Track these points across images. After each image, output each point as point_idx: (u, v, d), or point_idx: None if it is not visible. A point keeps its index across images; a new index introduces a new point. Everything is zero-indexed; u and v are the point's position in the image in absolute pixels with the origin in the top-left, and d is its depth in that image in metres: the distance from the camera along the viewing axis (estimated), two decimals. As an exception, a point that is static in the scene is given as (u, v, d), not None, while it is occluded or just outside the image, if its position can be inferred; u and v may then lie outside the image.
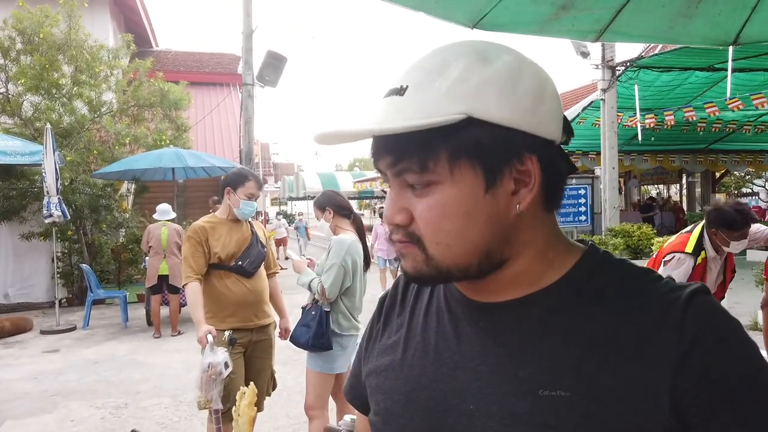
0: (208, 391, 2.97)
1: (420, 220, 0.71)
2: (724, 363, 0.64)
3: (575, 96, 17.56)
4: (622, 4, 2.07)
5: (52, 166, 8.07)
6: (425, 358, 0.79)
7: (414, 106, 0.67)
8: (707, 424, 0.63)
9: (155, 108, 11.20)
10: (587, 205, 12.61)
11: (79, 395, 5.41)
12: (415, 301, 0.88)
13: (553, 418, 0.66)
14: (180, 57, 18.04)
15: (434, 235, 0.70)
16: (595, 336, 0.69)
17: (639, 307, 0.69)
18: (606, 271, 0.75)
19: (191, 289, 3.24)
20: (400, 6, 2.04)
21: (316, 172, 32.80)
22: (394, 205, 0.72)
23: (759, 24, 2.18)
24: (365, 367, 0.89)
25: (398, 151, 0.70)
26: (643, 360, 0.66)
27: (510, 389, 0.70)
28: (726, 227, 3.45)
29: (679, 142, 14.76)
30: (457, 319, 0.79)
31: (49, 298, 9.95)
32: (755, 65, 10.49)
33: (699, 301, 0.68)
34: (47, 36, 10.03)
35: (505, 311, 0.75)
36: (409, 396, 0.78)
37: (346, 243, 3.39)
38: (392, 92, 0.70)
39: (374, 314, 0.94)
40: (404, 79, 0.71)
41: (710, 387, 0.63)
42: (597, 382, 0.66)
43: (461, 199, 0.69)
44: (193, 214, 12.00)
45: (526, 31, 2.23)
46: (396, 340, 0.85)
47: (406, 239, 0.72)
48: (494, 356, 0.73)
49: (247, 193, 3.39)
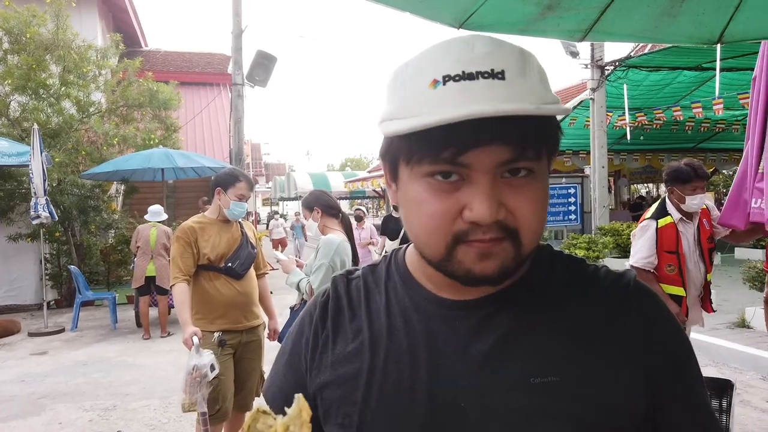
0: (192, 394, 2.96)
1: (521, 211, 0.68)
2: (672, 339, 0.76)
3: (565, 95, 17.63)
4: (606, 4, 2.08)
5: (40, 166, 8.01)
6: (400, 362, 0.75)
7: (529, 91, 0.66)
8: (669, 389, 0.73)
9: (144, 108, 11.15)
10: (577, 204, 12.66)
11: (67, 397, 5.36)
12: (367, 304, 0.82)
13: (550, 403, 0.69)
14: (169, 57, 17.96)
15: (535, 225, 0.69)
16: (571, 324, 0.74)
17: (600, 295, 0.76)
18: (559, 263, 0.81)
19: (179, 290, 3.22)
20: (387, 6, 2.03)
21: (307, 172, 32.76)
22: (493, 201, 0.66)
23: (742, 22, 2.19)
24: (316, 378, 0.81)
25: (522, 139, 0.66)
26: (617, 342, 0.73)
27: (501, 382, 0.71)
28: (679, 182, 3.53)
29: (668, 141, 14.85)
30: (429, 318, 0.77)
31: (37, 300, 9.87)
32: (743, 65, 10.56)
33: (642, 286, 0.78)
34: (34, 36, 9.96)
35: (485, 307, 0.75)
36: (387, 402, 0.74)
37: (335, 243, 3.38)
38: (486, 75, 0.65)
39: (315, 319, 0.84)
40: (490, 63, 0.65)
41: (667, 360, 0.74)
42: (583, 366, 0.71)
43: (546, 187, 0.73)
44: (183, 215, 11.93)
45: (513, 31, 2.23)
46: (358, 347, 0.79)
47: (500, 235, 0.67)
48: (478, 352, 0.73)
49: (238, 194, 3.36)
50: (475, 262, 0.68)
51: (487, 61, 0.66)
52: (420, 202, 0.70)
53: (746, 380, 5.09)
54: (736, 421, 3.81)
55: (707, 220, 3.64)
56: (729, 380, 3.12)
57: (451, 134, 0.64)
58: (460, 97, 0.64)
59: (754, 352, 5.46)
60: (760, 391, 4.82)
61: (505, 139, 0.65)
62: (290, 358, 0.87)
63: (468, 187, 0.67)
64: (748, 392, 4.78)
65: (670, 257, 3.54)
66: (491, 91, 0.64)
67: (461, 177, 0.67)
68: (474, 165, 0.66)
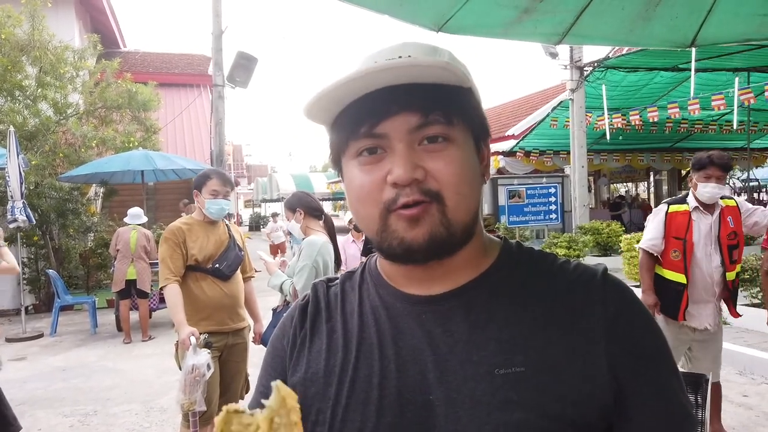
0: (191, 393, 2.96)
1: (440, 173, 0.72)
2: (639, 329, 0.77)
3: (545, 96, 17.80)
4: (582, 7, 2.11)
5: (16, 169, 7.88)
6: (370, 358, 0.78)
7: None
8: (634, 380, 0.74)
9: (123, 109, 11.03)
10: (558, 204, 12.79)
11: (46, 403, 5.29)
12: (343, 306, 0.86)
13: (514, 394, 0.70)
14: (148, 58, 17.78)
15: (457, 185, 0.73)
16: (535, 315, 0.76)
17: (565, 287, 0.78)
18: (525, 255, 0.84)
19: (171, 292, 3.20)
20: (367, 9, 2.05)
21: (289, 174, 32.65)
22: (408, 162, 0.72)
23: (715, 26, 2.25)
24: (292, 377, 0.84)
25: (428, 104, 0.72)
26: (580, 332, 0.74)
27: (467, 374, 0.73)
28: (695, 168, 3.50)
29: (646, 141, 15.07)
30: (397, 315, 0.80)
31: (15, 305, 9.72)
32: (717, 65, 10.77)
33: (612, 279, 0.80)
34: (9, 36, 9.79)
35: (449, 301, 0.78)
36: (359, 398, 0.76)
37: (317, 244, 3.39)
38: (392, 60, 0.73)
39: (295, 321, 0.89)
40: (401, 52, 0.75)
41: (633, 349, 0.75)
42: (546, 357, 0.73)
43: (470, 156, 0.77)
44: (164, 217, 11.83)
45: (491, 34, 2.26)
46: (332, 346, 0.82)
47: (423, 197, 0.72)
48: (445, 345, 0.75)
49: (211, 191, 3.35)
50: (406, 229, 0.73)
51: (396, 51, 0.76)
52: (353, 179, 0.77)
53: (724, 375, 5.16)
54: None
55: (733, 218, 3.50)
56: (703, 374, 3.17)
57: (366, 110, 0.73)
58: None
59: (731, 348, 5.56)
60: (737, 385, 4.92)
61: (412, 106, 0.72)
62: (272, 361, 0.90)
63: (389, 156, 0.74)
64: (725, 387, 4.85)
65: (677, 243, 3.49)
66: (393, 62, 0.72)
67: (384, 150, 0.74)
68: (390, 134, 0.73)
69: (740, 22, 2.25)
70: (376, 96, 0.73)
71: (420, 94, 0.72)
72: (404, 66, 0.71)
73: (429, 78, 0.73)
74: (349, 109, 0.75)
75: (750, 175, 13.67)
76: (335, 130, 0.79)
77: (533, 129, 14.09)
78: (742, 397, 4.66)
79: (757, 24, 2.24)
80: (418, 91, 0.72)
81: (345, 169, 0.79)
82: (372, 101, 0.73)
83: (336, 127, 0.78)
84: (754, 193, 18.35)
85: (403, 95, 0.72)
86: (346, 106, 0.76)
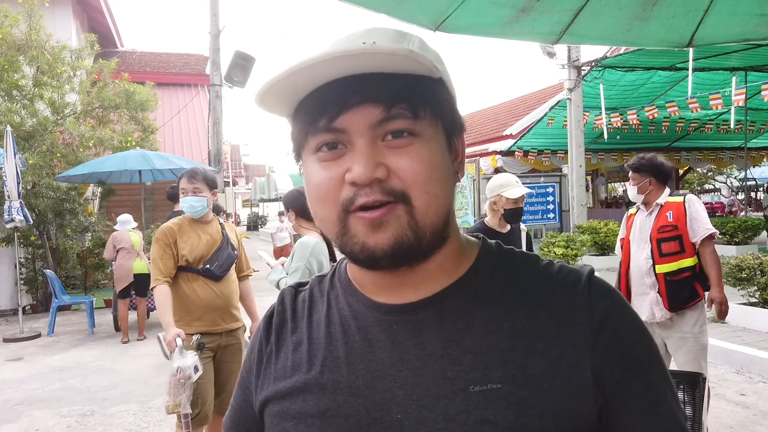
0: (176, 396, 2.94)
1: (405, 171, 0.66)
2: (628, 336, 0.71)
3: (543, 95, 17.81)
4: (580, 7, 2.12)
5: (13, 169, 7.86)
6: (337, 373, 0.72)
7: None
8: (623, 393, 0.68)
9: (121, 109, 11.00)
10: (555, 203, 12.80)
11: (43, 404, 5.28)
12: (309, 315, 0.80)
13: (490, 413, 0.65)
14: (146, 57, 17.75)
15: (424, 184, 0.66)
16: (515, 325, 0.70)
17: (548, 292, 0.72)
18: (504, 259, 0.77)
19: (160, 292, 3.19)
20: (364, 8, 2.05)
21: (287, 173, 32.55)
22: (369, 160, 0.65)
23: (711, 26, 2.25)
24: (259, 395, 0.79)
25: (391, 96, 0.66)
26: (563, 341, 0.68)
27: (440, 391, 0.67)
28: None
29: (644, 140, 15.09)
30: (367, 326, 0.74)
31: (12, 306, 9.70)
32: (715, 65, 10.78)
33: (597, 282, 0.73)
34: (6, 36, 9.77)
35: (422, 310, 0.72)
36: (325, 416, 0.71)
37: (310, 245, 3.35)
38: (357, 46, 0.65)
39: (260, 335, 0.83)
40: (365, 38, 0.67)
41: (622, 359, 0.69)
42: (526, 370, 0.67)
43: (440, 152, 0.69)
44: (162, 217, 11.80)
45: (488, 34, 2.26)
46: (297, 360, 0.77)
47: (387, 198, 0.65)
48: (417, 359, 0.69)
49: (180, 190, 3.38)
50: (367, 234, 0.67)
51: (360, 37, 0.68)
52: (312, 176, 0.71)
53: (721, 374, 5.19)
54: (711, 414, 3.89)
55: (674, 213, 3.53)
56: (700, 373, 3.17)
57: (324, 101, 0.67)
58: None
59: (728, 347, 5.58)
60: (734, 384, 4.93)
61: (373, 98, 0.66)
62: (241, 378, 0.86)
63: (350, 153, 0.67)
64: (722, 386, 4.88)
65: (623, 240, 3.83)
66: (352, 47, 0.65)
67: (345, 145, 0.68)
68: (349, 129, 0.66)
69: (737, 22, 2.25)
70: (335, 86, 0.66)
71: (382, 85, 0.65)
72: (364, 53, 0.63)
73: (394, 67, 0.66)
74: (308, 100, 0.69)
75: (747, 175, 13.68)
76: (295, 122, 0.72)
77: (531, 128, 14.10)
78: (740, 396, 4.67)
79: (754, 24, 2.25)
80: (380, 82, 0.65)
81: (305, 165, 0.73)
82: (331, 92, 0.66)
83: (296, 118, 0.72)
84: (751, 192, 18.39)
85: (364, 85, 0.65)
86: (305, 96, 0.69)
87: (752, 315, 6.43)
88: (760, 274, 6.41)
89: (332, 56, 0.63)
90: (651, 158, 3.66)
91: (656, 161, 3.64)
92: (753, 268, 6.46)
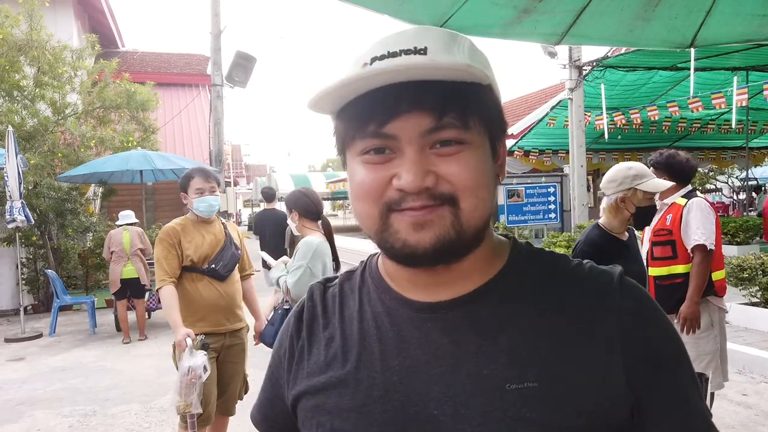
0: (187, 396, 2.95)
1: (455, 177, 0.67)
2: (657, 335, 0.73)
3: (544, 95, 17.80)
4: (582, 8, 2.12)
5: (15, 169, 7.87)
6: (372, 369, 0.74)
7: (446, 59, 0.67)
8: (653, 391, 0.70)
9: (122, 109, 11.00)
10: (557, 203, 12.78)
11: (45, 404, 5.28)
12: (341, 311, 0.81)
13: (527, 411, 0.66)
14: (147, 57, 17.76)
15: (473, 189, 0.68)
16: (548, 325, 0.71)
17: (579, 293, 0.73)
18: (537, 260, 0.78)
19: (166, 293, 3.19)
20: (366, 8, 2.05)
21: (288, 174, 32.59)
22: (419, 168, 0.66)
23: (714, 27, 2.25)
24: (292, 390, 0.81)
25: (442, 105, 0.66)
26: (595, 341, 0.70)
27: (475, 388, 0.68)
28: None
29: (645, 140, 15.06)
30: (401, 322, 0.75)
31: (14, 306, 9.71)
32: (716, 64, 10.76)
33: (628, 283, 0.75)
34: (7, 36, 9.77)
35: (457, 308, 0.73)
36: (361, 412, 0.72)
37: (314, 245, 3.35)
38: (408, 52, 0.67)
39: (291, 331, 0.85)
40: (417, 41, 0.68)
41: (652, 358, 0.71)
42: (561, 369, 0.68)
43: (486, 158, 0.71)
44: (163, 217, 11.81)
45: (490, 35, 2.26)
46: (331, 355, 0.78)
47: (433, 202, 0.67)
48: (452, 357, 0.70)
49: (195, 190, 3.35)
50: (409, 231, 0.68)
51: (411, 40, 0.68)
52: (355, 175, 0.71)
53: (722, 375, 5.19)
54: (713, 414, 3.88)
55: (673, 216, 3.48)
56: (702, 373, 3.16)
57: (374, 106, 0.67)
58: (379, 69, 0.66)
59: (729, 347, 5.54)
60: (736, 384, 4.92)
61: (424, 105, 0.66)
62: (271, 372, 0.88)
63: (398, 159, 0.68)
64: (724, 386, 4.87)
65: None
66: (409, 62, 0.66)
67: (393, 151, 0.68)
68: (399, 136, 0.67)
69: (740, 22, 2.25)
70: (385, 91, 0.66)
71: (433, 93, 0.66)
72: (420, 67, 0.65)
73: (446, 76, 0.66)
74: (356, 102, 0.68)
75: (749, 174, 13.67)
76: (341, 120, 0.73)
77: (532, 128, 14.08)
78: (742, 396, 4.66)
79: (756, 24, 2.24)
80: (431, 89, 0.66)
81: (349, 164, 0.74)
82: (381, 97, 0.66)
83: (342, 118, 0.72)
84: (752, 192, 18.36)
85: (415, 93, 0.65)
86: (353, 98, 0.69)
87: (754, 315, 6.42)
88: (762, 274, 6.40)
89: (395, 71, 0.64)
90: (668, 155, 3.54)
91: (672, 159, 3.50)
92: (755, 268, 6.45)
